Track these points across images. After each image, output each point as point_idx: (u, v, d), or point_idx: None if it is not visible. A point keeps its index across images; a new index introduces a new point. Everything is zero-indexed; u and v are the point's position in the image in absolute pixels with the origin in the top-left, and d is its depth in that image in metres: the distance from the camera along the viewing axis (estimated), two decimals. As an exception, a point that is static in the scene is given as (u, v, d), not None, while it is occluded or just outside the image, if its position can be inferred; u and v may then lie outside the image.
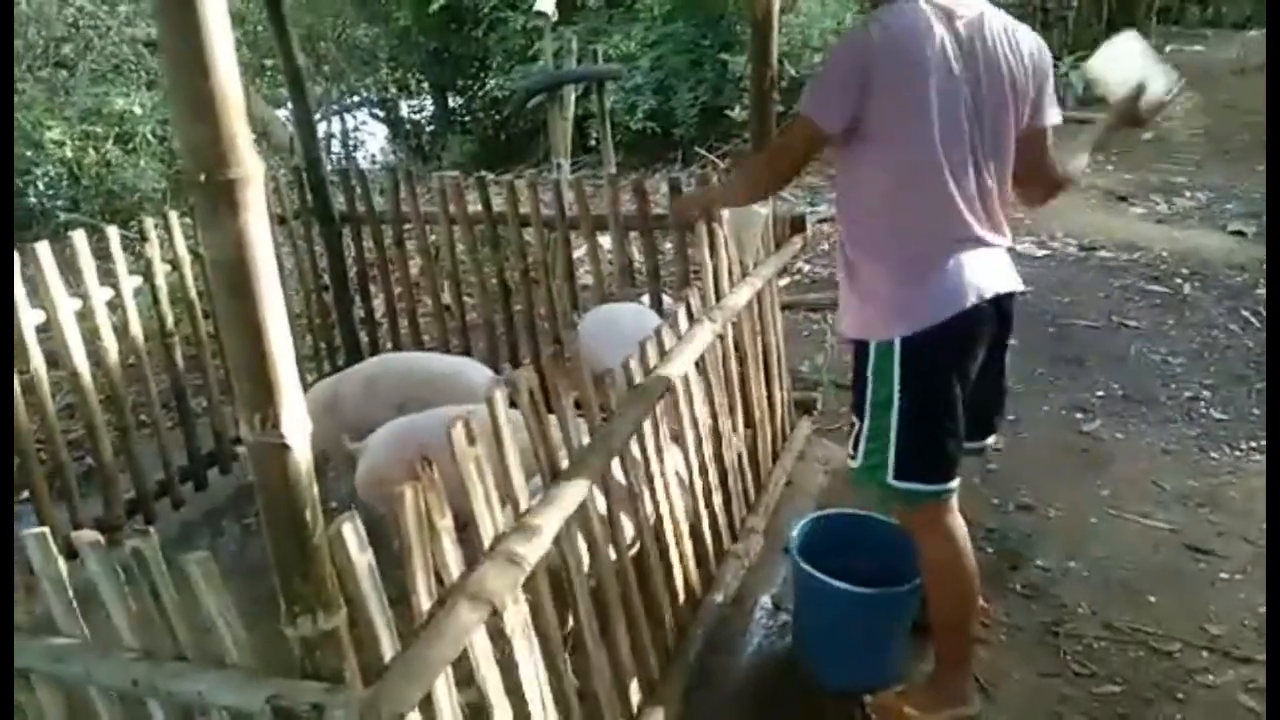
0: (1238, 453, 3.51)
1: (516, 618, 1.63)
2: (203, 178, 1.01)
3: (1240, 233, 5.88)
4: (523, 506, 1.73)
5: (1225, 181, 7.04)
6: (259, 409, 1.10)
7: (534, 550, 1.64)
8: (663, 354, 2.33)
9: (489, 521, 1.63)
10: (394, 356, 3.74)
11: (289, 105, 4.70)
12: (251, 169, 1.03)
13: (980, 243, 2.05)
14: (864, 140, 2.02)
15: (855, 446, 2.18)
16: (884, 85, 1.95)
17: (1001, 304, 2.10)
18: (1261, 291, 4.90)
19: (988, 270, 2.06)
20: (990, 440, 2.43)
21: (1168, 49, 11.87)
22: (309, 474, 1.16)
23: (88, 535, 1.47)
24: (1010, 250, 2.18)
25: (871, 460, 2.13)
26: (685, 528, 2.44)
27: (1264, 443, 3.54)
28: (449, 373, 3.34)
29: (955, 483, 2.15)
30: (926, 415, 2.07)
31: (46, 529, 1.51)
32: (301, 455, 1.14)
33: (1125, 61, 2.29)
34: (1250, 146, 7.89)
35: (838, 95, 1.99)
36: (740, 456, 2.92)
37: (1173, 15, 12.57)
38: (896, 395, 2.06)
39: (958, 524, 2.20)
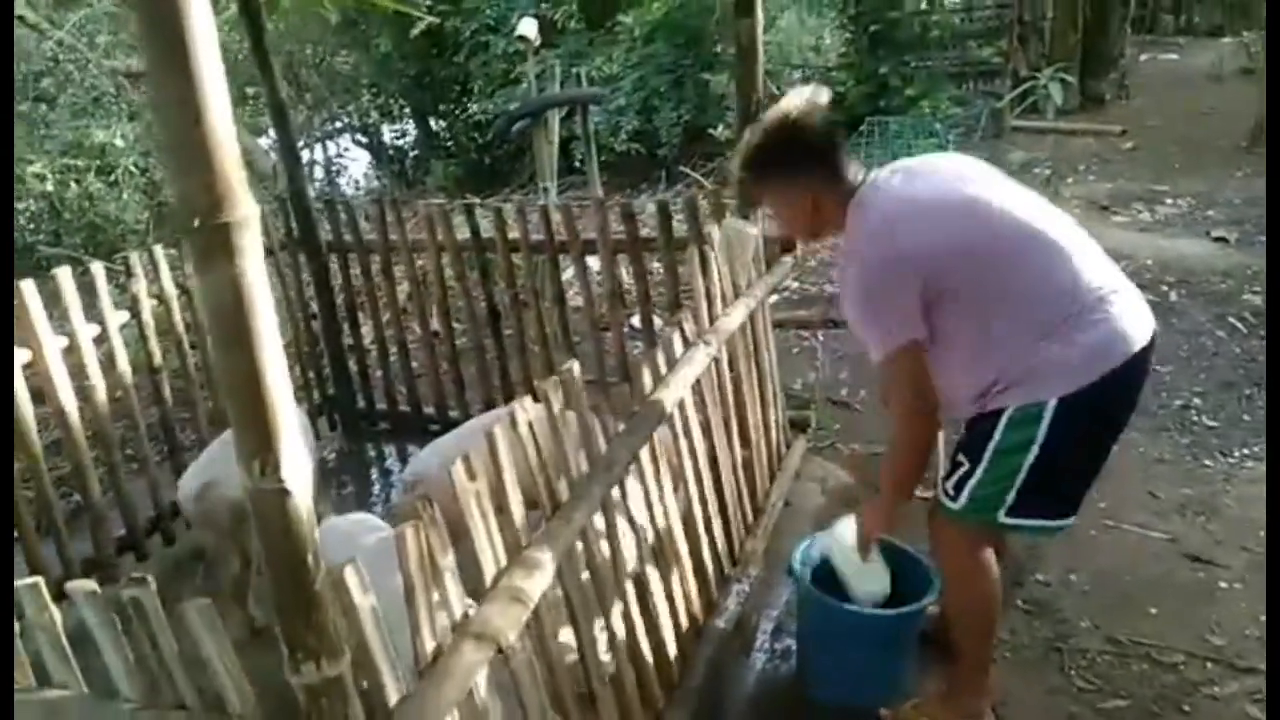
0: (1231, 460, 3.52)
1: (522, 656, 1.60)
2: (197, 223, 1.00)
3: (1223, 239, 5.92)
4: (523, 541, 1.71)
5: (1206, 188, 7.10)
6: (258, 455, 1.08)
7: (537, 585, 1.62)
8: (658, 379, 2.32)
9: (490, 556, 1.61)
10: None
11: (271, 133, 4.68)
12: (247, 211, 1.01)
13: (1114, 290, 1.97)
14: (951, 300, 1.96)
15: (958, 490, 2.06)
16: (930, 266, 1.93)
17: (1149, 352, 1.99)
18: (1248, 297, 4.93)
19: (1132, 317, 1.96)
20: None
21: (1142, 58, 12.06)
22: (310, 519, 1.14)
23: (83, 585, 1.44)
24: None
25: (980, 504, 2.03)
26: (686, 554, 2.42)
27: (1257, 449, 3.55)
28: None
29: (1073, 519, 2.07)
30: (1062, 467, 1.98)
31: (40, 579, 1.48)
32: (302, 500, 1.12)
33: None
34: (1229, 152, 7.98)
35: (903, 311, 1.95)
36: (738, 479, 2.90)
37: (1147, 24, 12.75)
38: (1036, 448, 1.94)
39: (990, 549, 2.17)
